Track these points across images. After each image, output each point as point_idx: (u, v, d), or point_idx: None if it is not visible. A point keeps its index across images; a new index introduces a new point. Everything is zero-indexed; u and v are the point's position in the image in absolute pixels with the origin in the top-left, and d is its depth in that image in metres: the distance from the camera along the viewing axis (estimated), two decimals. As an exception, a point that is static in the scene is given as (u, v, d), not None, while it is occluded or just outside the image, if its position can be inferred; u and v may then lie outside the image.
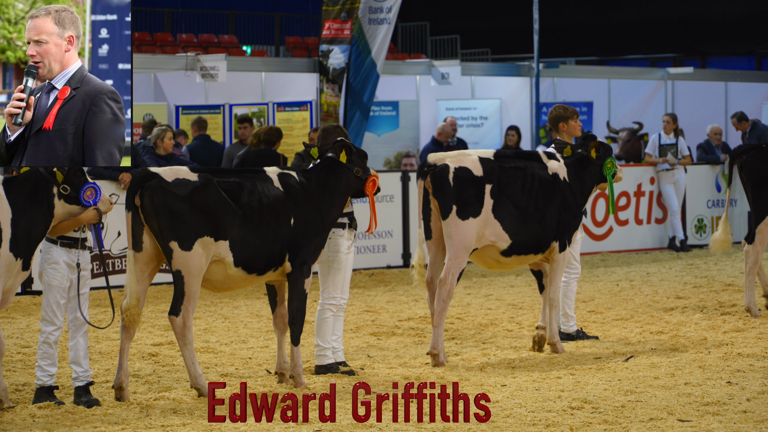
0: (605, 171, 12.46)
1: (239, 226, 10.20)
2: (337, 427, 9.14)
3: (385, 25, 22.09)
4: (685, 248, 22.31)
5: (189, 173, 10.12)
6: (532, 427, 9.06)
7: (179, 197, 9.98)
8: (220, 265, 10.23)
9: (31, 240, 9.71)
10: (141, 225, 10.02)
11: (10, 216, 9.60)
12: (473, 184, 11.69)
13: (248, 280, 10.46)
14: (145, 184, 9.96)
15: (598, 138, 12.80)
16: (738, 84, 29.66)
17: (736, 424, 8.98)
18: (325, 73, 22.41)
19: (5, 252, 9.56)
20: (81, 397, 9.98)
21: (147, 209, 9.95)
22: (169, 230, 9.96)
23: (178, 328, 10.15)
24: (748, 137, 23.38)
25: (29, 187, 9.70)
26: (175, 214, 9.95)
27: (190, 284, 10.09)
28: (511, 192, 11.85)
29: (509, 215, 11.83)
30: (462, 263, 11.73)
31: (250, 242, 10.26)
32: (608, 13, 38.72)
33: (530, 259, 12.15)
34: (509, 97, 27.84)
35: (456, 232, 11.65)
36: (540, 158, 12.22)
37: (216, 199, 10.12)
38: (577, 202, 12.27)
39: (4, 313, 15.28)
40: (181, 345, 10.21)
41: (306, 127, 23.36)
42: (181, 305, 10.11)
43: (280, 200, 10.41)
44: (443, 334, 11.85)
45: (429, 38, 37.50)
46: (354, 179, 10.87)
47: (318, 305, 11.45)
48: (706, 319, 14.30)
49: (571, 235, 12.28)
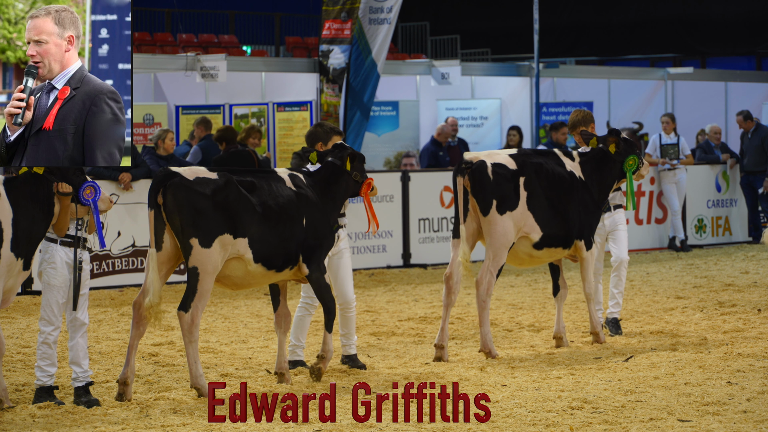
0: (626, 167, 12.60)
1: (258, 223, 10.35)
2: (337, 427, 9.14)
3: (385, 25, 22.08)
4: (685, 248, 22.31)
5: (208, 172, 10.26)
6: (532, 427, 9.06)
7: (202, 195, 10.11)
8: (240, 262, 10.35)
9: (32, 239, 9.72)
10: (163, 223, 10.10)
11: (11, 216, 9.60)
12: (510, 178, 11.98)
13: (267, 277, 10.58)
14: (168, 182, 10.06)
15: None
16: (738, 84, 29.66)
17: (736, 424, 8.98)
18: (325, 73, 22.40)
19: (6, 252, 9.56)
20: (81, 398, 9.98)
21: (169, 207, 10.04)
22: (190, 227, 10.05)
23: (186, 324, 10.21)
24: (751, 137, 23.37)
25: (30, 187, 9.71)
26: (197, 211, 10.07)
27: (204, 282, 10.15)
28: (540, 185, 12.12)
29: (540, 207, 12.12)
30: (500, 261, 11.97)
31: (269, 239, 10.41)
32: (608, 14, 38.71)
33: (559, 253, 12.39)
34: (509, 97, 27.84)
35: (495, 229, 11.90)
36: (557, 156, 12.43)
37: (236, 197, 10.25)
38: (594, 199, 12.47)
39: (4, 313, 15.28)
40: (186, 342, 10.25)
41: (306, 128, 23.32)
42: (192, 302, 10.18)
43: (293, 200, 10.60)
44: (490, 332, 12.05)
45: (429, 38, 37.50)
46: (352, 183, 11.06)
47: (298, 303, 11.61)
48: (706, 319, 14.29)
49: (593, 232, 12.53)
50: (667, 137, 22.46)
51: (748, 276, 18.40)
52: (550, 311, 15.15)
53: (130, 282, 17.62)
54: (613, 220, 13.39)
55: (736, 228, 23.52)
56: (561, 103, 27.66)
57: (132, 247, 17.68)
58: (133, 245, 17.68)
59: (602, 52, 38.40)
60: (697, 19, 37.83)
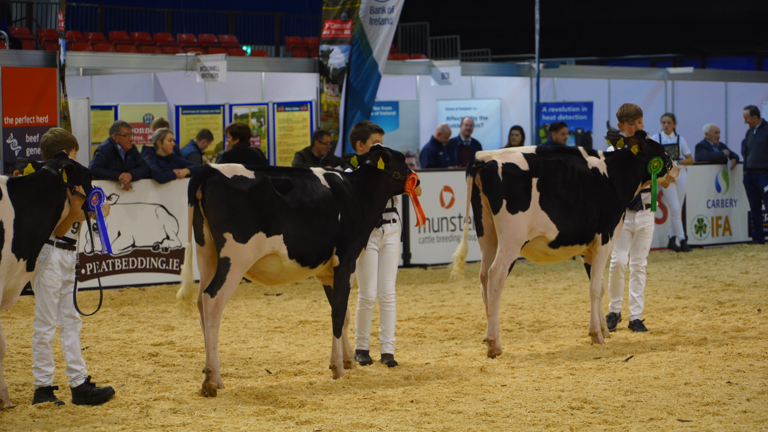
0: (650, 169, 12.82)
1: (293, 220, 10.67)
2: (337, 427, 9.14)
3: (387, 25, 22.06)
4: (685, 248, 22.31)
5: (246, 170, 10.58)
6: (532, 427, 9.06)
7: (239, 192, 10.43)
8: (275, 258, 10.65)
9: (36, 241, 9.71)
10: (201, 218, 10.43)
11: (13, 216, 9.59)
12: (521, 178, 12.18)
13: (301, 273, 10.88)
14: (207, 179, 10.41)
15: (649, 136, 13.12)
16: (738, 84, 29.62)
17: (736, 424, 8.98)
18: (325, 73, 22.38)
19: (7, 253, 9.55)
20: (82, 395, 10.00)
21: (207, 202, 10.38)
22: (225, 222, 10.37)
23: (210, 307, 10.41)
24: (756, 134, 23.33)
25: (37, 188, 9.70)
26: (233, 207, 10.40)
27: (233, 273, 10.43)
28: (555, 184, 12.34)
29: (555, 207, 12.33)
30: (513, 255, 12.21)
31: (304, 236, 10.72)
32: (608, 13, 38.70)
33: (576, 249, 12.62)
34: (509, 97, 27.81)
35: (506, 226, 12.13)
36: (580, 153, 12.66)
37: (271, 196, 10.57)
38: (617, 196, 12.68)
39: (4, 313, 15.28)
40: (208, 326, 10.42)
41: (306, 127, 23.34)
42: (219, 289, 10.41)
43: (328, 197, 10.92)
44: (498, 323, 12.22)
45: (429, 38, 37.49)
46: (393, 182, 11.36)
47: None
48: (706, 319, 14.30)
49: (613, 228, 12.73)
50: (667, 137, 22.45)
51: (748, 276, 18.41)
52: (550, 311, 15.16)
53: (130, 282, 17.62)
54: (642, 219, 13.64)
55: (736, 228, 23.51)
56: (561, 103, 27.64)
57: (132, 247, 17.68)
58: (133, 245, 17.68)
59: (602, 52, 38.39)
60: (697, 19, 37.81)
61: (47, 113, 18.55)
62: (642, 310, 13.69)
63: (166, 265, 17.94)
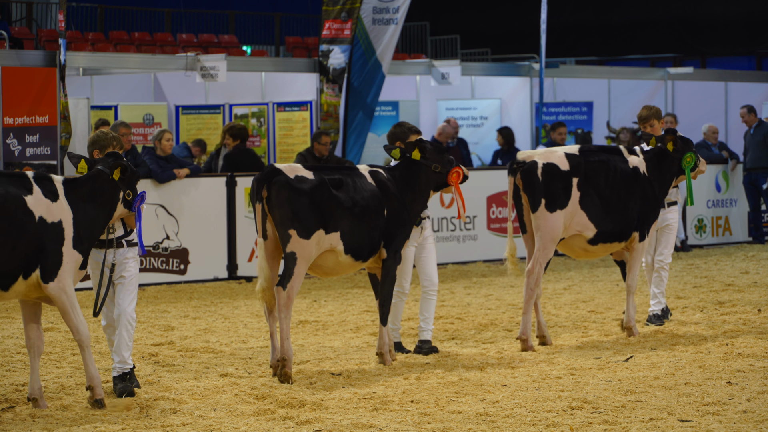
0: (684, 164, 13.15)
1: (348, 218, 11.25)
2: (337, 427, 9.14)
3: (392, 25, 22.06)
4: (685, 248, 22.32)
5: (305, 170, 11.17)
6: (532, 427, 9.06)
7: (301, 191, 11.02)
8: (332, 254, 11.25)
9: (91, 240, 9.92)
10: (266, 215, 11.04)
11: (71, 216, 9.72)
12: (560, 178, 12.48)
13: (354, 266, 11.50)
14: (273, 179, 10.99)
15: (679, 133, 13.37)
16: (738, 84, 29.61)
17: (736, 424, 8.98)
18: (325, 73, 22.36)
19: (68, 250, 9.66)
20: (116, 385, 10.34)
21: (273, 201, 10.97)
22: (289, 220, 10.95)
23: (283, 299, 10.98)
24: (753, 133, 23.33)
25: (91, 188, 9.86)
26: (296, 206, 10.97)
27: (300, 267, 11.01)
28: (596, 184, 12.65)
29: (594, 206, 12.63)
30: (549, 253, 12.54)
31: (357, 232, 11.31)
32: (608, 14, 38.71)
33: (615, 246, 12.96)
34: (509, 97, 27.81)
35: (544, 225, 12.46)
36: (621, 153, 12.95)
37: (328, 195, 11.15)
38: (655, 194, 13.03)
39: (5, 313, 15.28)
40: (281, 317, 10.97)
41: (306, 128, 23.34)
42: (288, 282, 10.98)
43: (375, 194, 11.47)
44: (530, 321, 12.55)
45: (429, 38, 37.48)
46: (433, 174, 11.84)
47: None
48: (706, 319, 14.30)
49: (650, 225, 13.06)
50: (667, 137, 22.43)
51: (748, 276, 18.41)
52: (549, 311, 15.15)
53: (130, 282, 17.59)
54: (666, 216, 13.93)
55: (736, 228, 23.51)
56: (561, 103, 27.64)
57: (132, 247, 17.67)
58: (133, 245, 17.67)
59: (602, 52, 38.39)
60: (697, 19, 37.82)
61: (47, 113, 18.55)
62: (663, 306, 13.99)
63: (166, 265, 17.94)
